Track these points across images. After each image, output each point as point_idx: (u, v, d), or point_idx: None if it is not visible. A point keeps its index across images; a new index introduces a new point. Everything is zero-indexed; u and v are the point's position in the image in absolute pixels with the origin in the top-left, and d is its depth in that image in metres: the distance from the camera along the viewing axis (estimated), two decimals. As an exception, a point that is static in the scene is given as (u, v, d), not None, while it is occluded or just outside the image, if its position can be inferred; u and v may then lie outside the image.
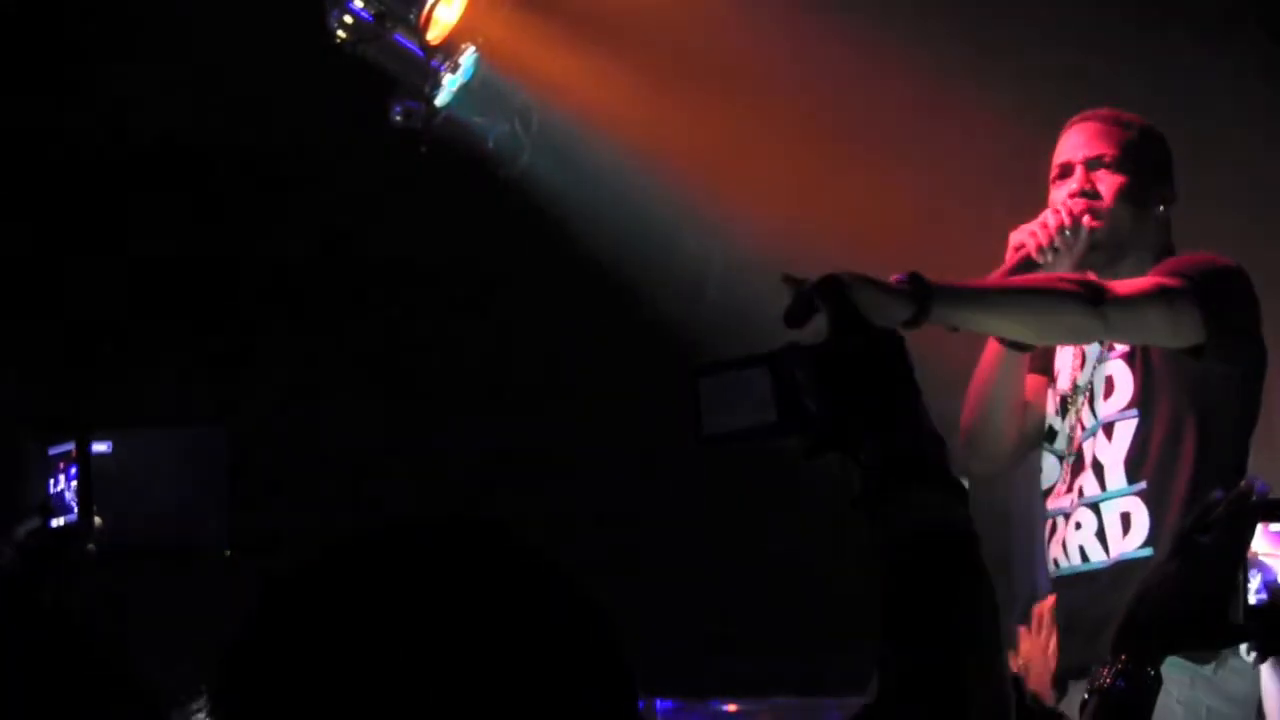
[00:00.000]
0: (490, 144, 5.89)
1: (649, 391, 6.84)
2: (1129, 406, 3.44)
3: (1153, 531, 3.34)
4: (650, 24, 5.71)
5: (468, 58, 5.51)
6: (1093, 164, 3.51)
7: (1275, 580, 2.10)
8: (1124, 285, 3.25)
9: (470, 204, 6.41)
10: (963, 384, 3.61)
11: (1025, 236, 3.42)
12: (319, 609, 1.09)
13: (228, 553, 6.76)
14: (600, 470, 6.72)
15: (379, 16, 5.29)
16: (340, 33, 5.29)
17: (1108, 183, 3.49)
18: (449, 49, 5.44)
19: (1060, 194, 3.51)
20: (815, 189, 5.92)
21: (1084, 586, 3.44)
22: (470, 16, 5.43)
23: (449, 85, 5.49)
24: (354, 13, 5.26)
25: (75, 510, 2.56)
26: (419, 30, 5.35)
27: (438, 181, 6.15)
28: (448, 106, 5.52)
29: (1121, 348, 3.45)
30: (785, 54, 5.86)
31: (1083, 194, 3.47)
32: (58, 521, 2.57)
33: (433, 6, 5.35)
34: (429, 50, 5.41)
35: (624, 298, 6.34)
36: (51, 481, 2.59)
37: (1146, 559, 3.29)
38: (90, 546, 2.56)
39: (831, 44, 5.74)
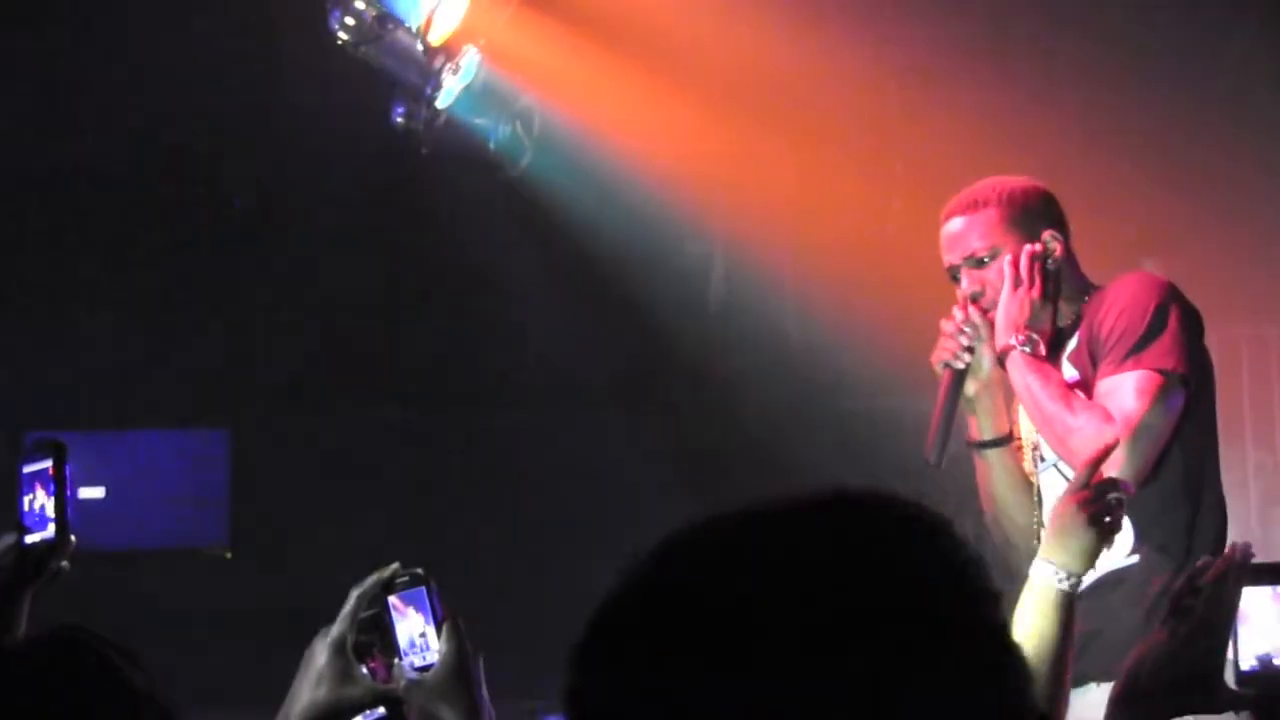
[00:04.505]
0: (492, 146, 5.89)
1: (650, 394, 6.86)
2: None
3: (1138, 540, 3.37)
4: (653, 27, 5.71)
5: (469, 59, 5.50)
6: (970, 262, 3.54)
7: (1270, 654, 2.08)
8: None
9: (471, 206, 6.41)
10: None
11: (940, 355, 3.51)
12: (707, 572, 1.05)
13: (228, 555, 6.79)
14: (600, 473, 6.71)
15: (381, 18, 5.28)
16: (342, 34, 5.28)
17: (992, 275, 3.52)
18: (450, 50, 5.44)
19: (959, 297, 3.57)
20: (818, 192, 5.92)
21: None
22: (472, 18, 5.43)
23: (451, 87, 5.48)
24: (356, 14, 5.26)
25: (50, 527, 2.57)
26: (421, 32, 5.34)
27: (439, 184, 6.15)
28: (449, 108, 5.51)
29: (1073, 376, 3.47)
30: (787, 58, 5.86)
31: (972, 297, 3.52)
32: (33, 539, 2.58)
33: (434, 8, 5.35)
34: (431, 52, 5.40)
35: (625, 301, 6.34)
36: (27, 499, 2.60)
37: (1132, 566, 3.33)
38: (64, 564, 2.57)
39: (834, 48, 5.75)
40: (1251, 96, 5.94)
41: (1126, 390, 3.33)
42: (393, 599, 2.06)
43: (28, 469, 2.61)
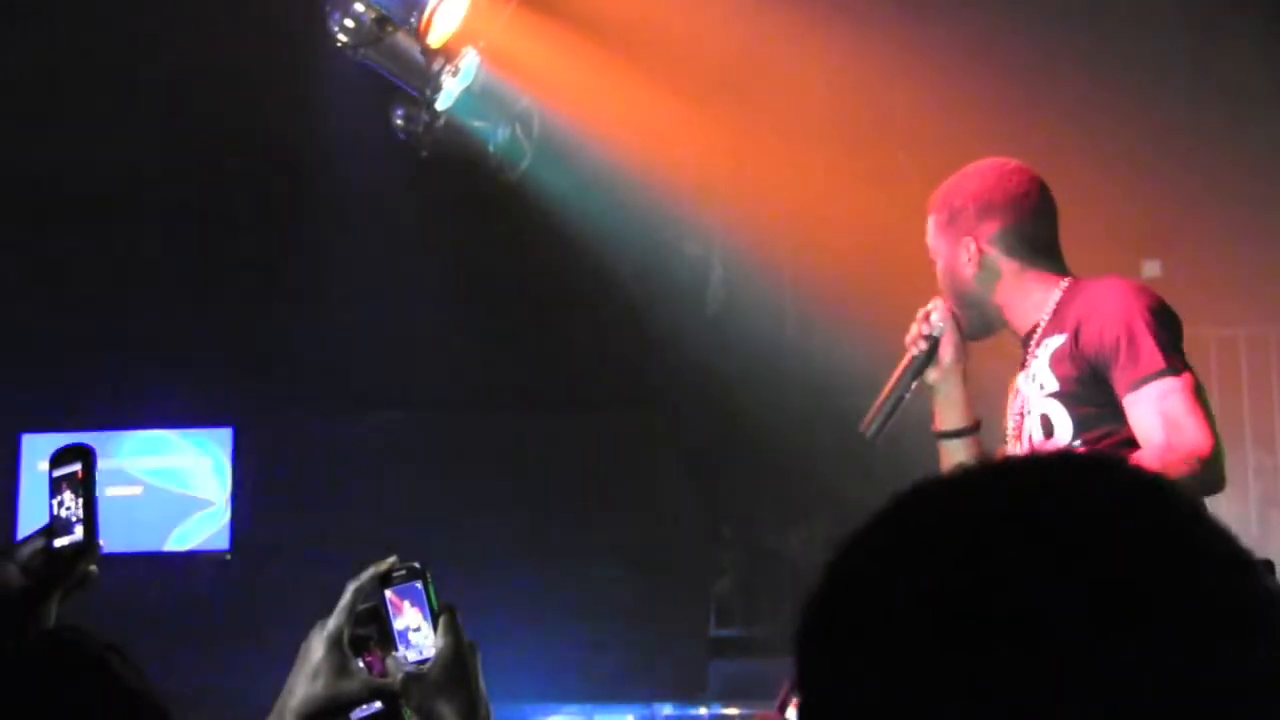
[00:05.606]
0: (491, 148, 5.89)
1: (650, 394, 6.86)
2: (1074, 439, 3.45)
3: None
4: (652, 29, 5.71)
5: (469, 62, 5.50)
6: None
7: None
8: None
9: (474, 207, 6.41)
10: None
11: (908, 339, 3.59)
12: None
13: (228, 557, 6.80)
14: (600, 472, 6.72)
15: (380, 20, 5.28)
16: (341, 37, 5.28)
17: (939, 274, 3.59)
18: (450, 53, 5.44)
19: None
20: (816, 193, 5.93)
21: None
22: (471, 20, 5.43)
23: (450, 89, 5.48)
24: (355, 16, 5.25)
25: (79, 531, 2.57)
26: (420, 34, 5.34)
27: (440, 186, 6.16)
28: (449, 111, 5.51)
29: (1053, 388, 3.45)
30: (785, 60, 5.87)
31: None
32: (61, 542, 2.58)
33: (434, 10, 5.35)
34: (430, 54, 5.40)
35: (624, 303, 6.34)
36: (56, 503, 2.61)
37: None
38: (93, 568, 2.58)
39: (832, 50, 5.75)
40: (1251, 96, 5.95)
41: (1174, 395, 3.29)
42: (389, 592, 2.05)
43: (56, 473, 2.62)
